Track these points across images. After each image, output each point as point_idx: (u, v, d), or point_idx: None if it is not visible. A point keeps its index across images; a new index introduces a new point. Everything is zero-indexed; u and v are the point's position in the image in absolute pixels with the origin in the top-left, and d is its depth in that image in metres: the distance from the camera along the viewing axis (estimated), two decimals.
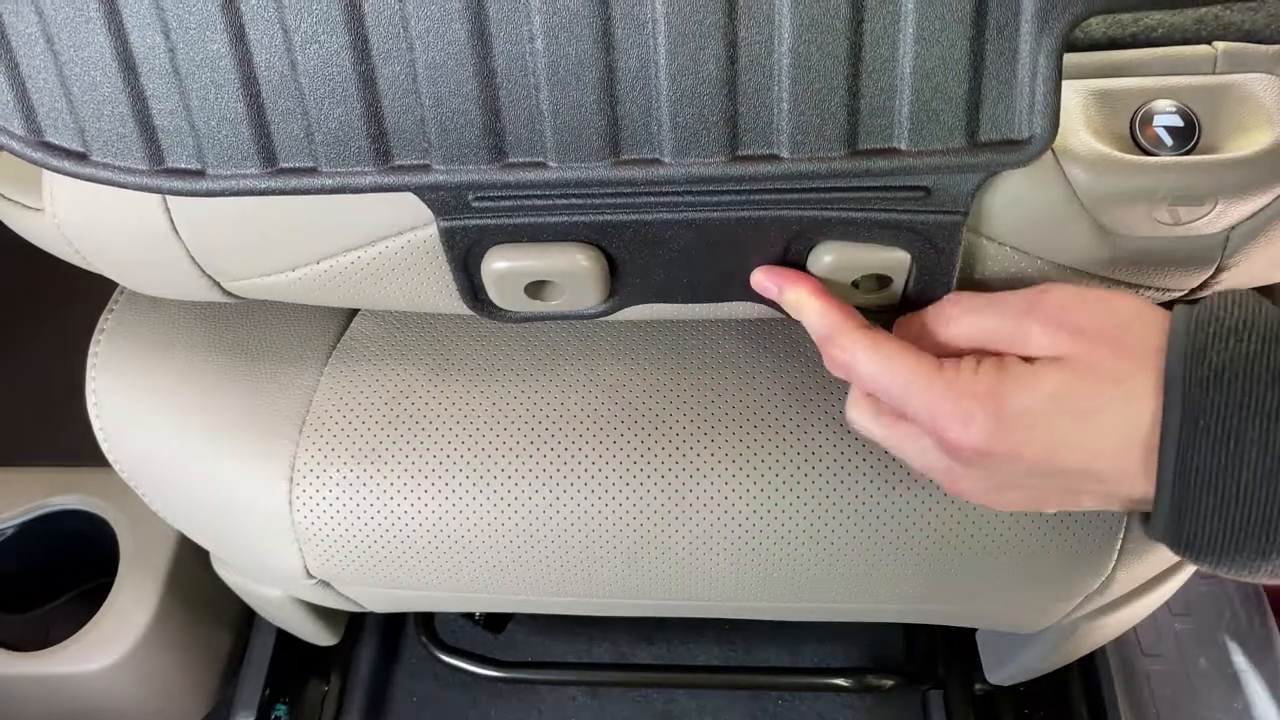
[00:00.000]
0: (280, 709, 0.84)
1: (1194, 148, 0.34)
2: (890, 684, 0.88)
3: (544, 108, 0.32)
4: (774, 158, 0.33)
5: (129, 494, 0.55)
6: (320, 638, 0.70)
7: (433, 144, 0.33)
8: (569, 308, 0.41)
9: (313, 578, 0.52)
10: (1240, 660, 0.80)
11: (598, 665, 0.94)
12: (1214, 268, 0.37)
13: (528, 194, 0.35)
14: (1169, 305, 0.36)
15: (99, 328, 0.51)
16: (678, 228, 0.37)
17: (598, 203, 0.35)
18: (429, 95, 0.32)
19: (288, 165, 0.33)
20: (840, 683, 0.88)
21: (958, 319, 0.37)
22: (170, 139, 0.33)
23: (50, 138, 0.33)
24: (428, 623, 0.90)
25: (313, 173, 0.33)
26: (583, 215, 0.36)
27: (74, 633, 0.74)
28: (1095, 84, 0.35)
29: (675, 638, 0.95)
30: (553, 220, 0.36)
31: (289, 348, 0.51)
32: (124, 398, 0.50)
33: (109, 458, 0.52)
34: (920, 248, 0.37)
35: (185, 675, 0.81)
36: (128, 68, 0.31)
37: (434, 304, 0.42)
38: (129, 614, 0.75)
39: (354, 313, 0.53)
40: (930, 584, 0.48)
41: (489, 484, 0.47)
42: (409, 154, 0.33)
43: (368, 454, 0.47)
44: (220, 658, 0.85)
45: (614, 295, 0.40)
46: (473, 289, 0.40)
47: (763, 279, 0.39)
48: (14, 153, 0.33)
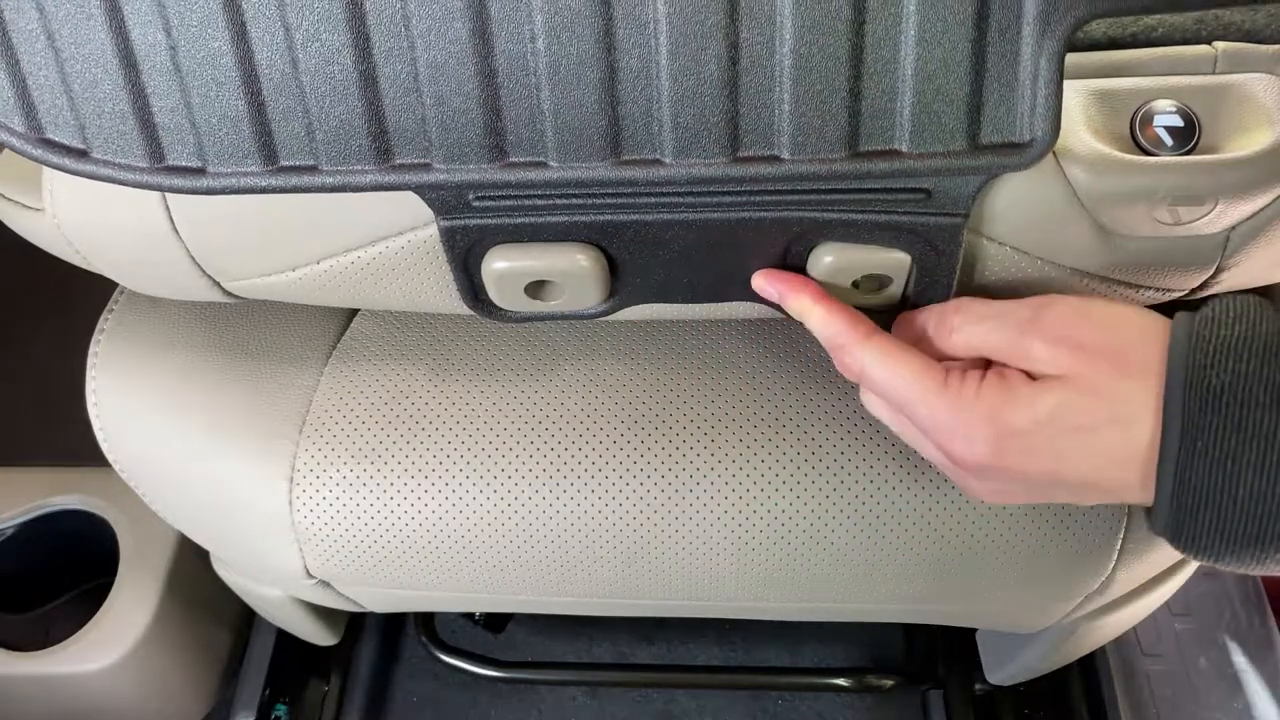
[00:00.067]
0: (280, 709, 0.84)
1: (1194, 148, 0.34)
2: (890, 684, 0.88)
3: (545, 107, 0.32)
4: (775, 159, 0.33)
5: (129, 494, 0.55)
6: (320, 638, 0.70)
7: (434, 143, 0.33)
8: (569, 308, 0.41)
9: (313, 578, 0.52)
10: (1240, 660, 0.80)
11: (598, 665, 0.94)
12: (1214, 268, 0.37)
13: (528, 194, 0.35)
14: (1170, 306, 0.36)
15: (99, 328, 0.51)
16: (678, 228, 0.37)
17: (598, 203, 0.35)
18: (430, 94, 0.32)
19: (288, 163, 0.33)
20: (840, 683, 0.88)
21: (960, 328, 0.37)
22: (171, 136, 0.33)
23: (51, 135, 0.33)
24: (428, 623, 0.90)
25: (313, 171, 0.33)
26: (583, 215, 0.36)
27: (74, 633, 0.74)
28: (1095, 84, 0.35)
29: (675, 638, 0.95)
30: (553, 220, 0.36)
31: (289, 348, 0.51)
32: (124, 398, 0.50)
33: (109, 458, 0.52)
34: (920, 249, 0.37)
35: (185, 675, 0.81)
36: (129, 65, 0.31)
37: (434, 304, 0.42)
38: (129, 614, 0.75)
39: (354, 313, 0.53)
40: (930, 584, 0.48)
41: (489, 484, 0.47)
42: (410, 153, 0.33)
43: (368, 454, 0.47)
44: (220, 658, 0.85)
45: (614, 295, 0.40)
46: (473, 289, 0.40)
47: (764, 284, 0.39)
48: (14, 149, 0.33)
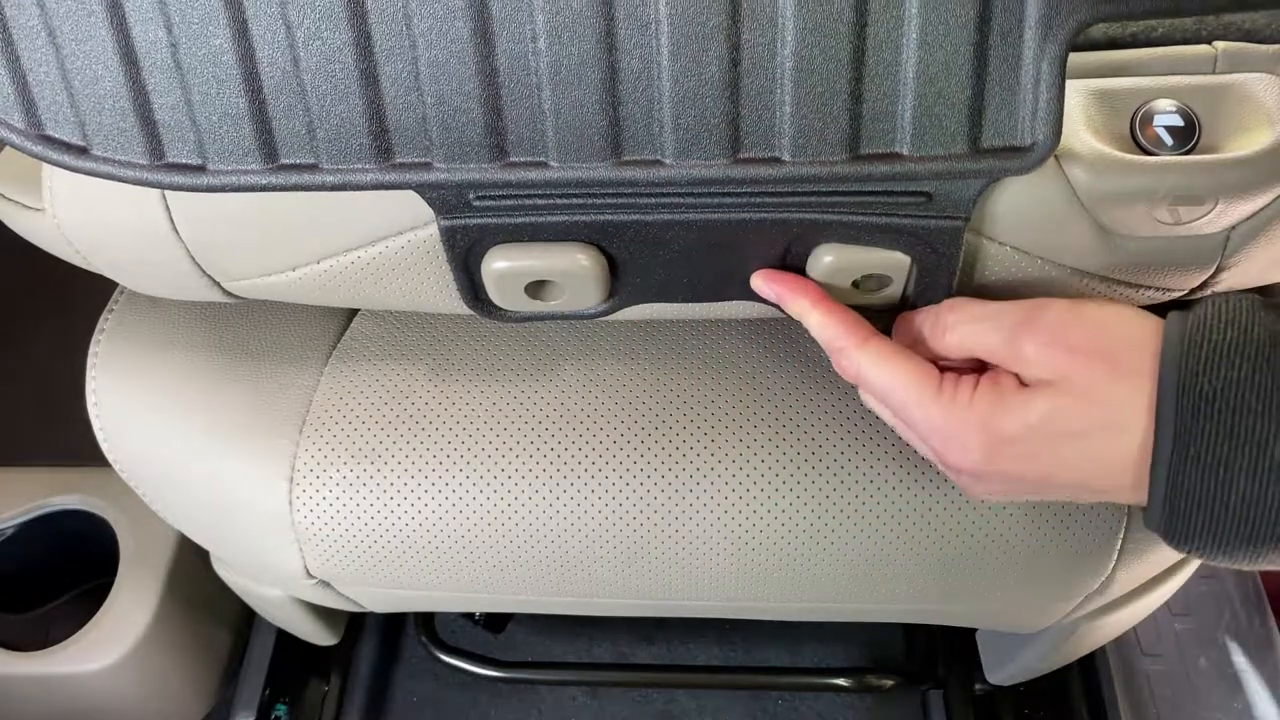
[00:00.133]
0: (280, 709, 0.84)
1: (1194, 147, 0.34)
2: (890, 684, 0.88)
3: (546, 107, 0.32)
4: (775, 160, 0.33)
5: (129, 494, 0.55)
6: (320, 638, 0.70)
7: (434, 142, 0.33)
8: (569, 308, 0.41)
9: (313, 578, 0.52)
10: (1240, 660, 0.80)
11: (598, 665, 0.94)
12: (1214, 267, 0.37)
13: (529, 193, 0.35)
14: (1168, 306, 0.36)
15: (99, 328, 0.51)
16: (678, 228, 0.37)
17: (599, 203, 0.35)
18: (431, 93, 0.32)
19: (289, 161, 0.33)
20: (840, 683, 0.88)
21: (954, 327, 0.37)
22: (171, 134, 0.33)
23: (51, 131, 0.33)
24: (428, 623, 0.90)
25: (314, 169, 0.33)
26: (583, 215, 0.36)
27: (74, 633, 0.74)
28: (1095, 84, 0.35)
29: (675, 638, 0.95)
30: (553, 220, 0.36)
31: (289, 348, 0.51)
32: (124, 398, 0.50)
33: (109, 458, 0.52)
34: (921, 251, 0.37)
35: (185, 675, 0.81)
36: (129, 62, 0.31)
37: (434, 304, 0.42)
38: (129, 614, 0.75)
39: (354, 313, 0.53)
40: (930, 584, 0.48)
41: (489, 484, 0.47)
42: (410, 152, 0.33)
43: (368, 454, 0.47)
44: (220, 658, 0.85)
45: (614, 295, 0.40)
46: (473, 288, 0.40)
47: (763, 285, 0.39)
48: (14, 146, 0.33)
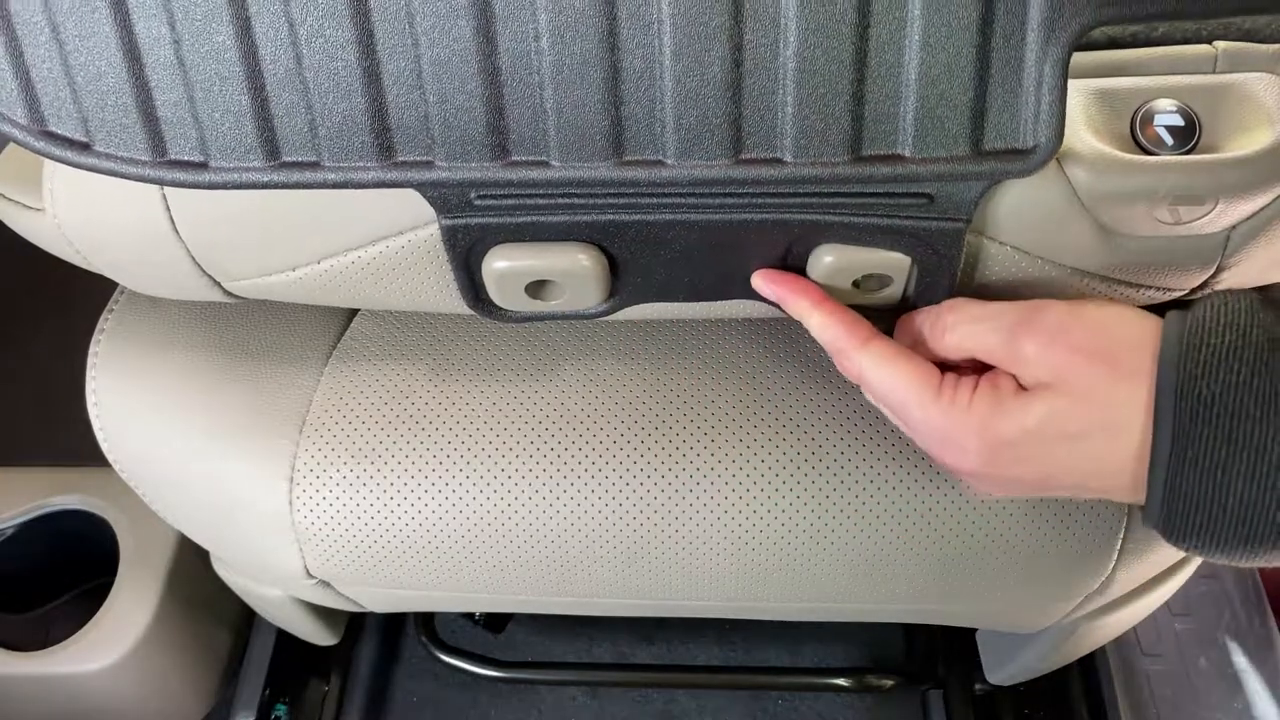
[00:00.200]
0: (280, 709, 0.84)
1: (1194, 147, 0.34)
2: (890, 684, 0.88)
3: (548, 106, 0.32)
4: (777, 161, 0.33)
5: (129, 494, 0.55)
6: (320, 638, 0.70)
7: (436, 140, 0.33)
8: (569, 307, 0.41)
9: (313, 578, 0.52)
10: (1240, 660, 0.80)
11: (598, 665, 0.94)
12: (1215, 267, 0.37)
13: (530, 193, 0.35)
14: (1168, 306, 0.36)
15: (99, 328, 0.51)
16: (679, 228, 0.37)
17: (600, 203, 0.35)
18: (433, 91, 0.32)
19: (290, 159, 0.33)
20: (840, 683, 0.88)
21: (954, 328, 0.37)
22: (173, 130, 0.33)
23: (53, 127, 0.33)
24: (428, 623, 0.90)
25: (316, 167, 0.33)
26: (585, 215, 0.36)
27: (74, 633, 0.74)
28: (1096, 83, 0.35)
29: (675, 638, 0.95)
30: (554, 220, 0.36)
31: (289, 348, 0.51)
32: (124, 398, 0.50)
33: (109, 458, 0.52)
34: (922, 252, 0.37)
35: (185, 675, 0.81)
36: (132, 58, 0.31)
37: (434, 304, 0.42)
38: (129, 614, 0.75)
39: (354, 313, 0.53)
40: (930, 583, 0.48)
41: (489, 484, 0.47)
42: (412, 150, 0.33)
43: (368, 454, 0.47)
44: (220, 658, 0.85)
45: (615, 295, 0.40)
46: (474, 288, 0.40)
47: (764, 285, 0.39)
48: (17, 141, 0.33)
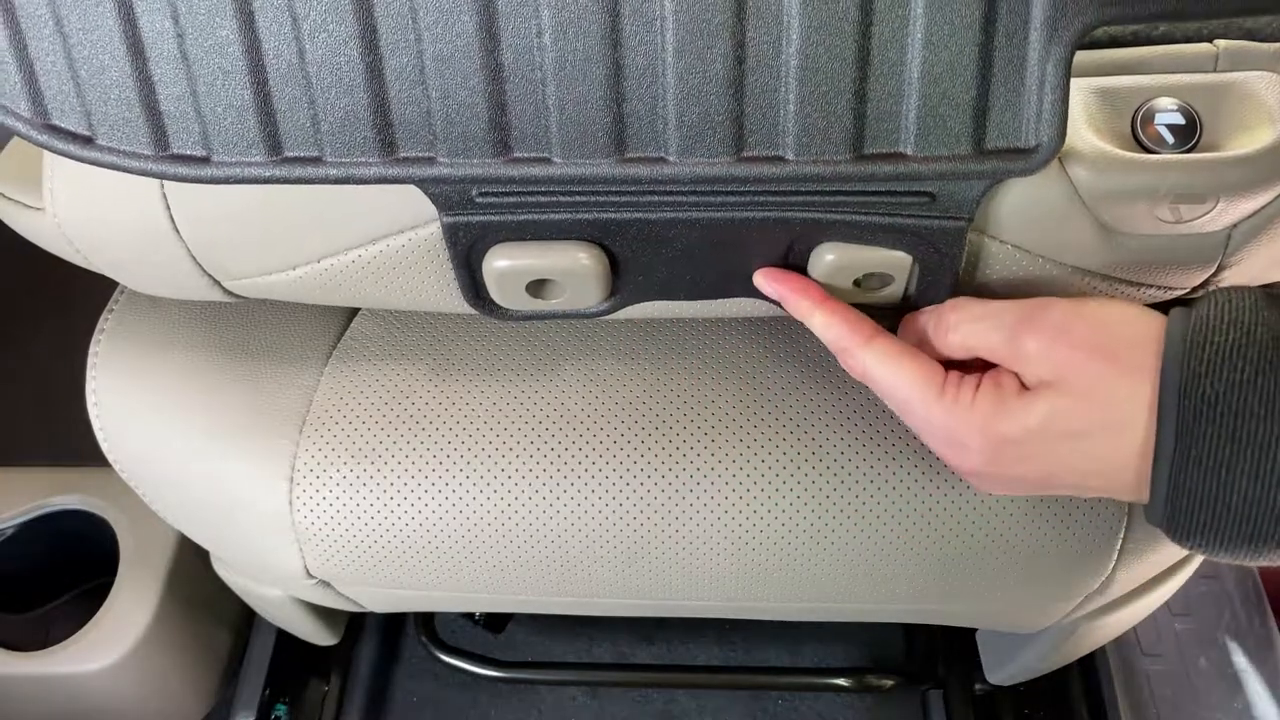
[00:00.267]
0: (280, 709, 0.84)
1: (1195, 145, 0.34)
2: (890, 684, 0.88)
3: (550, 103, 0.32)
4: (779, 159, 0.33)
5: (129, 494, 0.55)
6: (320, 638, 0.70)
7: (438, 136, 0.33)
8: (570, 306, 0.41)
9: (313, 578, 0.52)
10: (1240, 660, 0.80)
11: (598, 665, 0.94)
12: (1216, 266, 0.37)
13: (531, 190, 0.35)
14: (1170, 304, 0.36)
15: (99, 328, 0.51)
16: (681, 226, 0.36)
17: (601, 200, 0.35)
18: (436, 87, 0.32)
19: (293, 154, 0.33)
20: (840, 683, 0.88)
21: (956, 326, 0.37)
22: (176, 124, 0.33)
23: (56, 120, 0.33)
24: (428, 623, 0.90)
25: (318, 162, 0.33)
26: (586, 213, 0.36)
27: (74, 633, 0.74)
28: (1097, 82, 0.35)
29: (675, 638, 0.95)
30: (556, 218, 0.36)
31: (289, 347, 0.51)
32: (124, 398, 0.50)
33: (109, 458, 0.52)
34: (923, 251, 0.37)
35: (185, 675, 0.81)
36: (136, 52, 0.31)
37: (435, 303, 0.42)
38: (129, 614, 0.75)
39: (354, 312, 0.53)
40: (930, 583, 0.48)
41: (489, 484, 0.47)
42: (414, 146, 0.33)
43: (368, 454, 0.47)
44: (220, 658, 0.85)
45: (616, 294, 0.40)
46: (474, 287, 0.40)
47: (766, 284, 0.39)
48: (20, 135, 0.33)
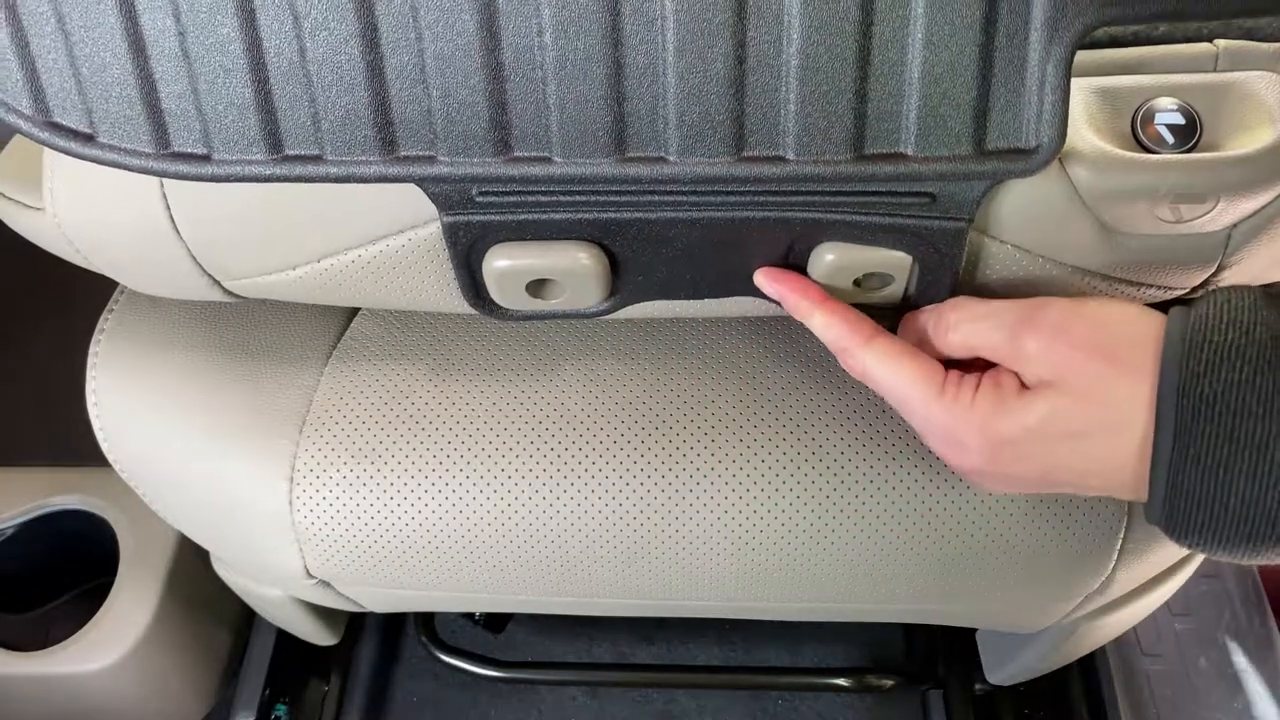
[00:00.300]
0: (280, 709, 0.84)
1: (1195, 145, 0.34)
2: (890, 684, 0.88)
3: (551, 102, 0.32)
4: (779, 159, 0.33)
5: (129, 494, 0.55)
6: (320, 638, 0.70)
7: (439, 135, 0.33)
8: (570, 306, 0.41)
9: (313, 578, 0.52)
10: (1240, 660, 0.80)
11: (598, 665, 0.94)
12: (1216, 266, 0.37)
13: (532, 189, 0.35)
14: (1170, 304, 0.36)
15: (99, 328, 0.51)
16: (681, 226, 0.36)
17: (602, 200, 0.35)
18: (436, 86, 0.32)
19: (293, 152, 0.33)
20: (840, 683, 0.88)
21: (956, 326, 0.37)
22: (177, 122, 0.33)
23: (58, 118, 0.33)
24: (428, 623, 0.90)
25: (318, 161, 0.33)
26: (586, 212, 0.36)
27: (74, 633, 0.74)
28: (1097, 82, 0.35)
29: (675, 638, 0.95)
30: (556, 217, 0.36)
31: (289, 347, 0.51)
32: (124, 398, 0.50)
33: (109, 458, 0.52)
34: (923, 251, 0.37)
35: (185, 675, 0.81)
36: (137, 50, 0.31)
37: (435, 303, 0.42)
38: (129, 614, 0.75)
39: (354, 312, 0.53)
40: (930, 583, 0.48)
41: (489, 484, 0.47)
42: (415, 145, 0.33)
43: (368, 454, 0.47)
44: (220, 658, 0.85)
45: (616, 293, 0.40)
46: (474, 287, 0.40)
47: (766, 284, 0.39)
48: (21, 132, 0.33)
